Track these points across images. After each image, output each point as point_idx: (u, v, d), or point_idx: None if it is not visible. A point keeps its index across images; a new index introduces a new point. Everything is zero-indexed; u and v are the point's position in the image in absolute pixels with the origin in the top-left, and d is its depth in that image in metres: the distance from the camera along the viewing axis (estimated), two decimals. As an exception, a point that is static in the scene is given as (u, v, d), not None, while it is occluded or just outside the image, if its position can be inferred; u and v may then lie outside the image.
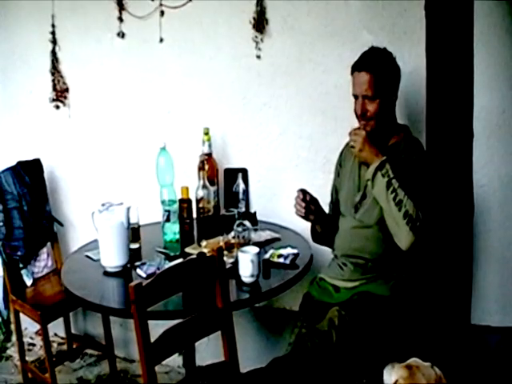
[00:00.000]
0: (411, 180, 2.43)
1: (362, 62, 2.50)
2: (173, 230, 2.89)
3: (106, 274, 2.65)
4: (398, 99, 2.57)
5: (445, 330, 2.64)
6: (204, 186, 2.91)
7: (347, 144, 2.75)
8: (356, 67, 2.51)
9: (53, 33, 3.46)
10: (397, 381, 2.05)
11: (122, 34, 3.33)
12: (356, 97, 2.53)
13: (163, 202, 2.92)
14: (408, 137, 2.58)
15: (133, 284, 2.04)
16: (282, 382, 2.32)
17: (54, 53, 3.49)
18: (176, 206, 2.89)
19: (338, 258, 2.65)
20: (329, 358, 2.35)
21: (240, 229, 2.69)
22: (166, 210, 2.89)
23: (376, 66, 2.47)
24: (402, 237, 2.40)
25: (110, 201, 2.70)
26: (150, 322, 2.09)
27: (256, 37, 3.07)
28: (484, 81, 2.72)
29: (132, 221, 2.75)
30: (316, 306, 2.58)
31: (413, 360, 2.12)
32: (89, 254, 2.82)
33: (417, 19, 2.70)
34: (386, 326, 2.44)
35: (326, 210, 2.78)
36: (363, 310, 2.45)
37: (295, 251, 2.69)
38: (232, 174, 3.16)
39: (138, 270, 2.59)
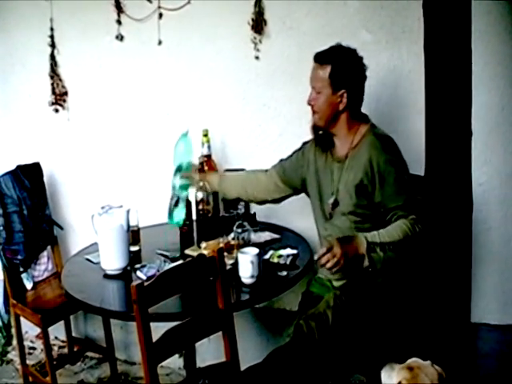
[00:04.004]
0: (386, 181, 2.44)
1: (317, 53, 2.53)
2: (180, 215, 2.84)
3: (106, 276, 2.64)
4: (397, 97, 2.58)
5: (445, 328, 2.64)
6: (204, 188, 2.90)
7: (309, 141, 2.72)
8: (314, 57, 2.54)
9: (51, 36, 3.47)
10: (400, 382, 2.04)
11: (120, 37, 3.33)
12: None
13: (174, 187, 2.87)
14: (372, 135, 2.53)
15: (134, 284, 2.04)
16: (281, 373, 2.32)
17: (52, 56, 3.49)
18: (186, 193, 2.86)
19: None
20: (326, 341, 2.35)
21: (239, 230, 2.69)
22: (175, 195, 2.84)
23: (324, 60, 2.49)
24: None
25: (109, 204, 2.70)
26: (151, 324, 2.09)
27: (255, 38, 3.08)
28: (483, 78, 2.72)
29: (132, 223, 2.75)
30: (315, 301, 2.57)
31: (412, 360, 2.10)
32: (89, 257, 2.82)
33: (415, 18, 2.70)
34: (380, 305, 2.44)
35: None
36: (358, 290, 2.45)
37: (295, 252, 2.69)
38: (232, 176, 3.17)
39: (138, 273, 2.58)
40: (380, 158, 2.46)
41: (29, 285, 3.36)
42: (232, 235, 2.71)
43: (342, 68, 2.47)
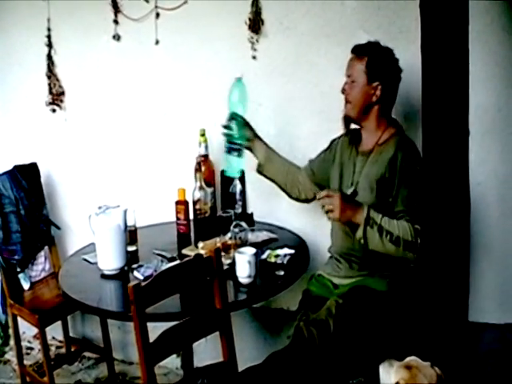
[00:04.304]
0: (404, 183, 2.43)
1: (356, 46, 2.56)
2: (241, 165, 2.90)
3: (104, 276, 2.64)
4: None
5: (442, 327, 2.64)
6: (201, 188, 2.90)
7: (342, 135, 2.73)
8: (352, 49, 2.57)
9: (48, 36, 3.47)
10: (398, 382, 2.03)
11: (117, 37, 3.33)
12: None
13: (233, 136, 2.83)
14: (400, 137, 2.54)
15: (132, 284, 2.04)
16: (280, 376, 2.31)
17: (49, 56, 3.49)
18: (245, 142, 2.84)
19: (334, 256, 2.66)
20: (326, 348, 2.34)
21: (237, 230, 2.68)
22: (238, 144, 2.82)
23: (362, 52, 2.52)
24: (406, 258, 2.38)
25: (106, 203, 2.69)
26: (148, 324, 2.09)
27: (252, 38, 3.08)
28: (480, 79, 2.72)
29: (129, 223, 2.74)
30: (315, 301, 2.57)
31: (412, 359, 2.09)
32: (86, 257, 2.81)
33: (412, 18, 2.69)
34: (383, 316, 2.44)
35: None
36: (361, 299, 2.44)
37: (292, 251, 2.68)
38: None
39: (136, 273, 2.58)
40: (405, 158, 2.46)
41: (26, 285, 3.36)
42: (229, 235, 2.70)
43: (378, 61, 2.50)
